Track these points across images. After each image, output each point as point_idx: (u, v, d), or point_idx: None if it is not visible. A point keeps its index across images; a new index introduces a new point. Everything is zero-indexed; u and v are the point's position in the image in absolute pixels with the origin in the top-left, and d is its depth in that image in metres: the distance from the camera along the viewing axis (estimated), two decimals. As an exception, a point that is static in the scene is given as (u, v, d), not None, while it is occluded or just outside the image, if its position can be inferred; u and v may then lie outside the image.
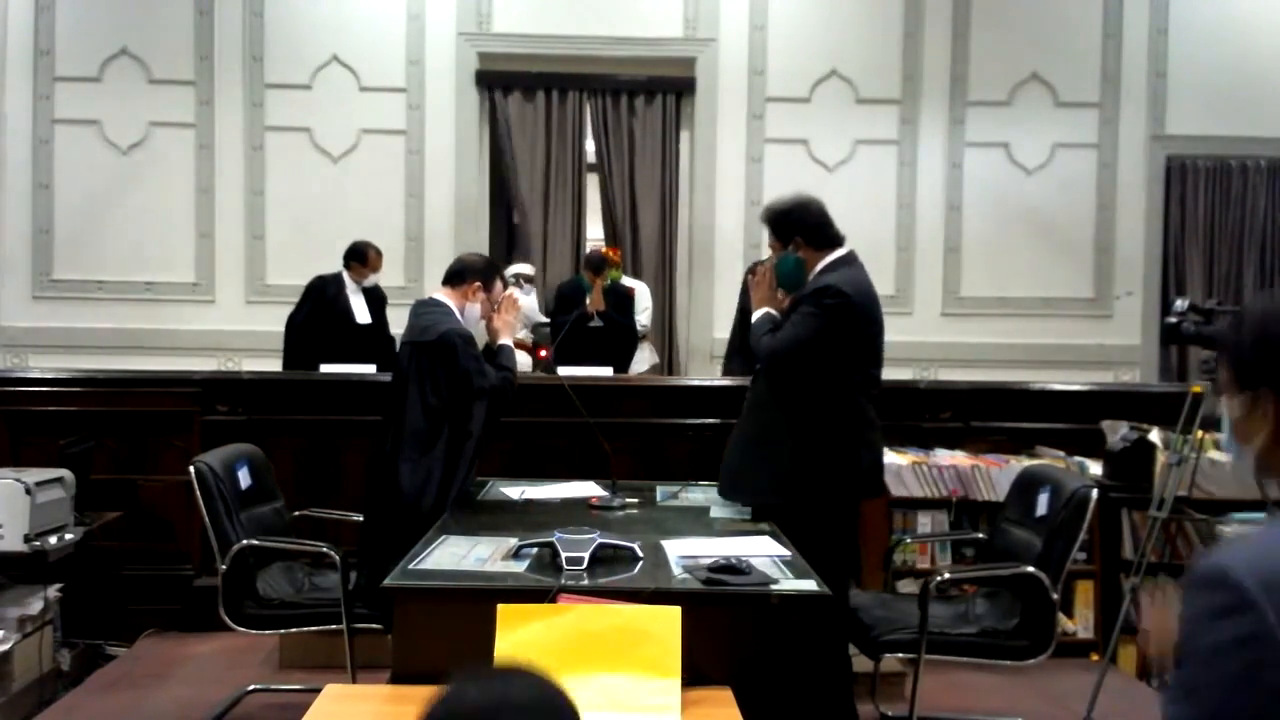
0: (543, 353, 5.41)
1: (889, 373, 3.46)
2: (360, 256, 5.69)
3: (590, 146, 6.25)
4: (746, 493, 3.25)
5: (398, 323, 4.99)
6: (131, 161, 5.99)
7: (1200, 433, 3.64)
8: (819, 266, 3.25)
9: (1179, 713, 1.04)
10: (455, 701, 1.05)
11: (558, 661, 2.02)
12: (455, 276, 3.44)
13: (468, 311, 3.41)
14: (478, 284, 3.43)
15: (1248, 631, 0.99)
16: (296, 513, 3.76)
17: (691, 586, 2.30)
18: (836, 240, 3.28)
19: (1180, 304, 3.62)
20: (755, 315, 3.40)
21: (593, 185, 6.57)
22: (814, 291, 3.17)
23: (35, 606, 3.67)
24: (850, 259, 3.27)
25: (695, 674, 2.09)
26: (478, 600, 2.15)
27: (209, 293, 6.03)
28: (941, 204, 6.18)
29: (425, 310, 3.44)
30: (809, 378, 3.17)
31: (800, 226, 3.26)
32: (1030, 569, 3.08)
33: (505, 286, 3.62)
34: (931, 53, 6.15)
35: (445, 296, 3.43)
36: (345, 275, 5.67)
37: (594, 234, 10.02)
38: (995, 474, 4.59)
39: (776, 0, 6.12)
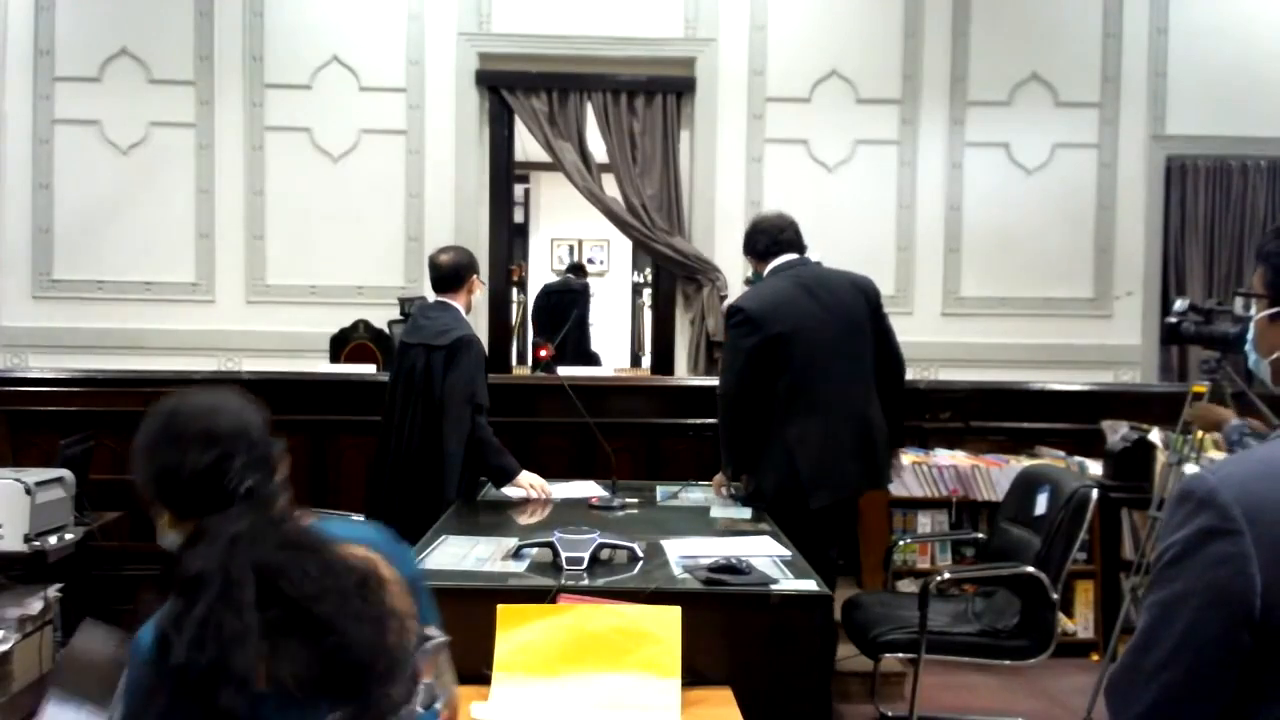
0: (543, 352, 5.42)
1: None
2: None
3: (590, 146, 6.23)
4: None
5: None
6: (131, 161, 5.98)
7: (1200, 432, 3.64)
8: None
9: (1150, 624, 1.09)
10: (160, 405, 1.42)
11: (558, 661, 2.02)
12: (454, 281, 3.57)
13: (476, 302, 3.63)
14: (475, 276, 3.59)
15: (1227, 553, 1.02)
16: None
17: (691, 586, 2.31)
18: (779, 251, 3.44)
19: (1180, 304, 3.62)
20: None
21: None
22: (726, 316, 3.51)
23: (35, 606, 3.67)
24: (781, 267, 3.42)
25: (695, 674, 2.09)
26: (478, 600, 2.15)
27: (209, 293, 6.02)
28: (941, 204, 6.17)
29: (436, 315, 3.54)
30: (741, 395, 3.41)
31: (749, 250, 3.57)
32: (1030, 569, 3.08)
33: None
34: (931, 53, 6.14)
35: (450, 300, 3.57)
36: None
37: (596, 233, 9.96)
38: (995, 474, 4.59)
39: (776, 0, 6.11)
